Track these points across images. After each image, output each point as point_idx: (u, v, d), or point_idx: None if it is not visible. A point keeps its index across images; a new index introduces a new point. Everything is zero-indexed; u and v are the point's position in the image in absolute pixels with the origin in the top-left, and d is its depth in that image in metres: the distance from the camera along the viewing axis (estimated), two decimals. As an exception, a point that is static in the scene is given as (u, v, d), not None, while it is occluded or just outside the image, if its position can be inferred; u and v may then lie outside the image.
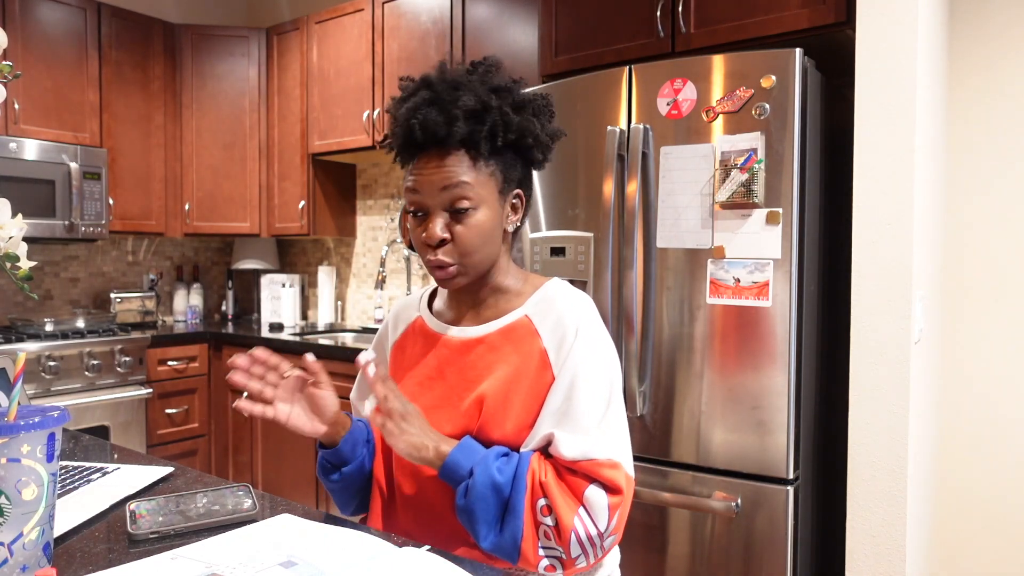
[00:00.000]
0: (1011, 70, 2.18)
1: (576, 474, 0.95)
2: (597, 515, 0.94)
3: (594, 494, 0.94)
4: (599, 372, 1.00)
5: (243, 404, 0.97)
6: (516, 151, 1.04)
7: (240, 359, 0.98)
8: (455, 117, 0.97)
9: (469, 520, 0.95)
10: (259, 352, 1.00)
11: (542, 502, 0.94)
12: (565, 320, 1.03)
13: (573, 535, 0.93)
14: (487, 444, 1.00)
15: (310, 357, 1.01)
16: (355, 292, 3.84)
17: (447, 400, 1.05)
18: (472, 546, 1.01)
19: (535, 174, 1.18)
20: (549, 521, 0.93)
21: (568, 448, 0.95)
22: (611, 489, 0.95)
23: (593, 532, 0.93)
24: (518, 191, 1.07)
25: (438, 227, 0.99)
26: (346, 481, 1.09)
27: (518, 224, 1.09)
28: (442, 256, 1.00)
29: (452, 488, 0.98)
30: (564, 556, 0.94)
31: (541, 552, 0.94)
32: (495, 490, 0.94)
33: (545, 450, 0.99)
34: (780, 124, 1.77)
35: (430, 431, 0.99)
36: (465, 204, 0.99)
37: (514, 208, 1.07)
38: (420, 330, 1.14)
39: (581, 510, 0.94)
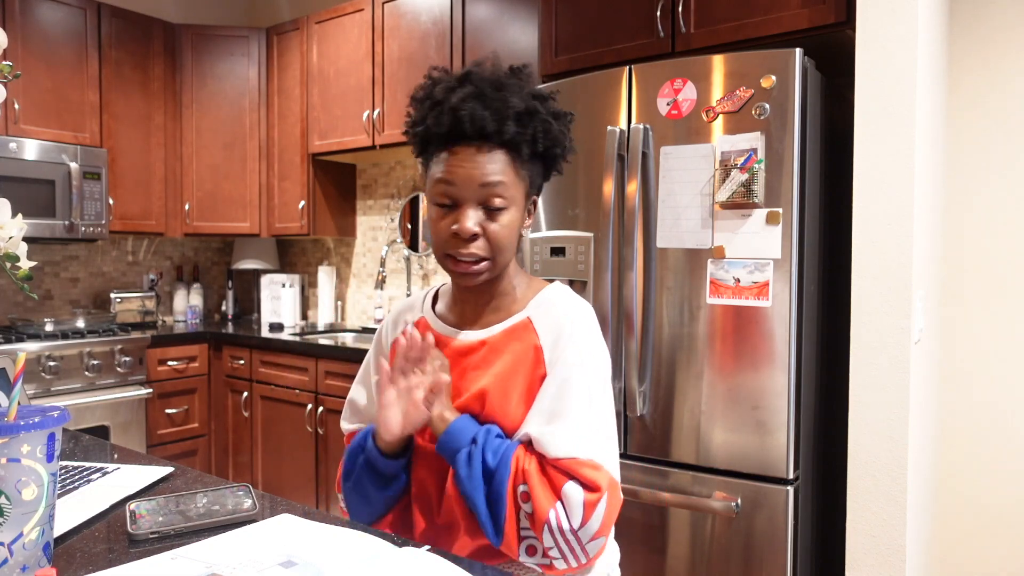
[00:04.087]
0: (1010, 70, 2.18)
1: (557, 470, 0.96)
2: (572, 511, 0.94)
3: (571, 490, 0.95)
4: (588, 375, 1.02)
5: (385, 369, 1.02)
6: (544, 159, 1.06)
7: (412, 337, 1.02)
8: (506, 116, 0.98)
9: (465, 489, 0.98)
10: (421, 340, 1.02)
11: (522, 488, 0.96)
12: (561, 321, 1.04)
13: (546, 525, 0.94)
14: None
15: (446, 377, 1.02)
16: (355, 292, 3.84)
17: (449, 399, 1.06)
18: (475, 546, 1.02)
19: None
20: (527, 508, 0.96)
21: (552, 446, 0.97)
22: (589, 487, 0.96)
23: (566, 527, 0.94)
24: (535, 197, 1.10)
25: (471, 221, 1.00)
26: (395, 494, 1.08)
27: (528, 228, 1.12)
28: (474, 249, 1.01)
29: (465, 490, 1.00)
30: (538, 545, 0.96)
31: (522, 533, 0.97)
32: (486, 469, 0.97)
33: (530, 445, 1.00)
34: (780, 124, 1.76)
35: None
36: (499, 203, 1.00)
37: (529, 213, 1.10)
38: (423, 331, 1.14)
39: (558, 504, 0.95)
